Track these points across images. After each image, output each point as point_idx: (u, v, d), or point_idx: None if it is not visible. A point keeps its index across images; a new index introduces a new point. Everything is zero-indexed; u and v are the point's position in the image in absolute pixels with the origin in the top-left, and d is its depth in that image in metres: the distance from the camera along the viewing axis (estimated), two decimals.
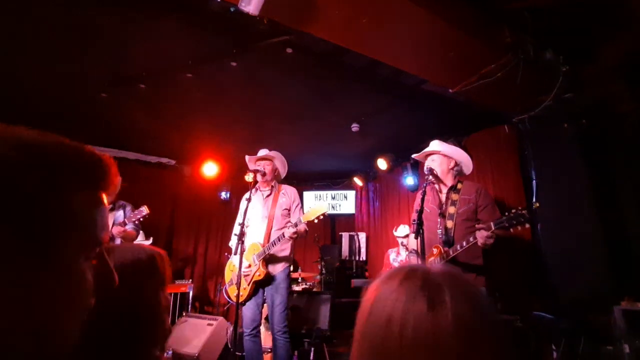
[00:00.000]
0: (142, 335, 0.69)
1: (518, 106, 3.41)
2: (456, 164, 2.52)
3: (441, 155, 2.52)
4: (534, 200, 3.27)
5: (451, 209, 2.41)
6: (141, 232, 3.05)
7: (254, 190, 2.81)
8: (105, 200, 0.48)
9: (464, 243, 2.19)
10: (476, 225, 2.18)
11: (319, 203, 6.18)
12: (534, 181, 3.35)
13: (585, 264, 2.90)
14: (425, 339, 0.48)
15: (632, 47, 2.78)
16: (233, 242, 2.89)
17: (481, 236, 2.10)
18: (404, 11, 2.29)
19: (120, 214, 3.09)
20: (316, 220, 2.59)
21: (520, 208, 2.00)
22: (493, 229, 2.06)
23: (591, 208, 2.99)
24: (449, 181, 2.49)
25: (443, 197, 2.51)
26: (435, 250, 2.37)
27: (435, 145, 2.59)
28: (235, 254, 2.61)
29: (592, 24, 2.68)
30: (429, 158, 2.56)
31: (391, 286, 0.54)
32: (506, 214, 2.05)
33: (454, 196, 2.44)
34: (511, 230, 2.03)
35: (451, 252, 2.26)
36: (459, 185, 2.48)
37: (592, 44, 2.91)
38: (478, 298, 0.53)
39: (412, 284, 0.53)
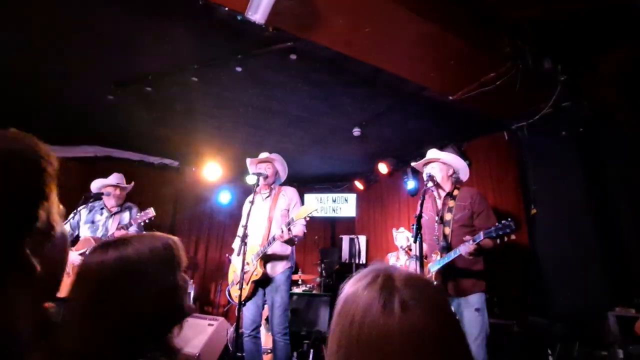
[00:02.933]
0: (164, 317, 0.76)
1: (517, 114, 3.47)
2: (454, 172, 2.57)
3: (440, 162, 2.57)
4: (531, 206, 3.32)
5: (447, 216, 2.45)
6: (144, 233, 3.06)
7: (255, 192, 2.86)
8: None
9: (452, 253, 2.25)
10: (464, 238, 2.22)
11: (310, 202, 6.23)
12: (532, 188, 3.40)
13: (580, 270, 2.95)
14: (377, 340, 0.50)
15: (631, 55, 2.83)
16: (236, 244, 2.94)
17: (464, 250, 2.17)
18: (405, 21, 2.36)
19: (126, 215, 3.12)
20: (307, 218, 2.64)
21: (508, 219, 2.04)
22: (482, 237, 2.10)
23: (587, 215, 3.03)
24: (448, 188, 2.54)
25: (440, 203, 2.56)
26: (434, 256, 2.43)
27: (434, 153, 2.63)
28: (238, 255, 2.65)
29: (591, 33, 2.73)
30: (429, 165, 2.61)
31: (358, 288, 0.57)
32: (496, 224, 2.09)
33: (451, 202, 2.48)
34: (498, 241, 2.07)
35: (446, 259, 2.30)
36: (455, 192, 2.52)
37: (590, 53, 2.96)
38: (437, 305, 0.54)
39: (374, 287, 0.55)
